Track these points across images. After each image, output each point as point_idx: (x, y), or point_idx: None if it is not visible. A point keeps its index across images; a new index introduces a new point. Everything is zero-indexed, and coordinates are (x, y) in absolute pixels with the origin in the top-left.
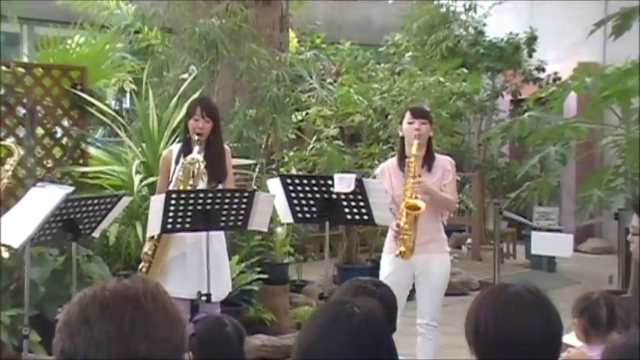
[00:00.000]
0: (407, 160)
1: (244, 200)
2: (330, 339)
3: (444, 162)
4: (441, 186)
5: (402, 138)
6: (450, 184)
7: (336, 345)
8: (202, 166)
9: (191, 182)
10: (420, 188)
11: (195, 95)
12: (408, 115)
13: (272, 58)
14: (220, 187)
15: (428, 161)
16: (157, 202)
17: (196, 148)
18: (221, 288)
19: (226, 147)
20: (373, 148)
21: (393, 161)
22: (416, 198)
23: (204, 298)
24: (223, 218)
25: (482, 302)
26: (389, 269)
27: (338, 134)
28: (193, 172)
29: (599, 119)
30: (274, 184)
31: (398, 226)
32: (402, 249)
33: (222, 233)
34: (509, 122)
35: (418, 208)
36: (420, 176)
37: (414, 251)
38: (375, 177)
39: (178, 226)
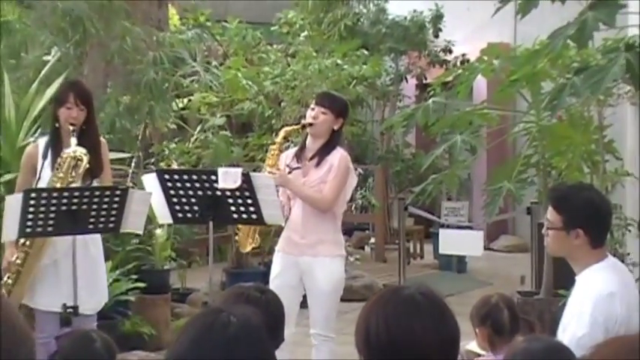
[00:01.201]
0: (270, 147)
1: (116, 199)
2: (203, 351)
3: (334, 158)
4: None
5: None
6: (330, 182)
7: (210, 357)
8: (86, 159)
9: (70, 180)
10: (277, 179)
11: (60, 79)
12: (312, 103)
13: (149, 37)
14: (96, 184)
15: (320, 154)
16: (13, 203)
17: (74, 140)
18: (97, 299)
19: (102, 139)
20: (265, 139)
21: (291, 152)
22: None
23: (70, 310)
24: (92, 220)
25: (372, 308)
26: (277, 269)
27: (225, 123)
28: (75, 168)
29: (512, 105)
30: (150, 181)
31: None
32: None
33: (99, 236)
34: (412, 109)
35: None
36: (298, 168)
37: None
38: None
39: (39, 229)
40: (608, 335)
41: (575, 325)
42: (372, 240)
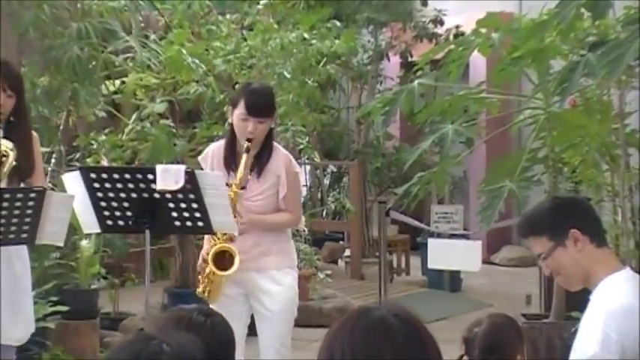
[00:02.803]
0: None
1: (30, 203)
2: None
3: (278, 163)
4: (277, 198)
5: (232, 126)
6: (287, 195)
7: None
8: (13, 156)
9: None
10: (244, 226)
11: None
12: (241, 106)
13: (71, 6)
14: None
15: (259, 164)
16: None
17: None
18: (22, 327)
19: (34, 133)
20: (216, 129)
21: (220, 144)
22: (230, 241)
23: None
24: (0, 229)
25: (336, 333)
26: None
27: (167, 111)
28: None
29: (515, 88)
30: (73, 181)
31: (204, 260)
32: (203, 289)
33: (25, 250)
34: (395, 92)
35: (229, 266)
36: (243, 188)
37: (218, 295)
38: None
39: None
40: (625, 355)
41: (585, 344)
42: (347, 252)
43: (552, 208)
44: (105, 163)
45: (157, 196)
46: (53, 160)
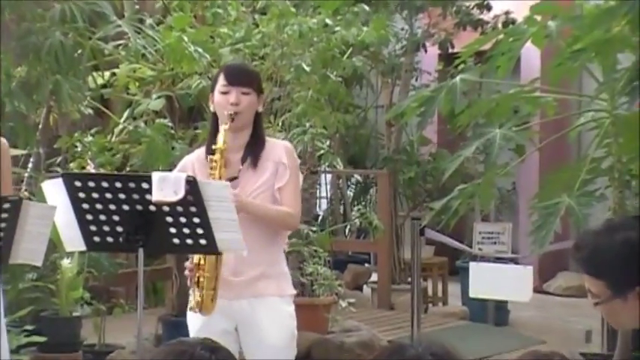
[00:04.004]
0: (209, 156)
1: (3, 216)
2: None
3: (277, 151)
4: (274, 191)
5: (215, 115)
6: (287, 186)
7: None
8: None
9: None
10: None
11: None
12: (221, 79)
13: None
14: None
15: (252, 152)
16: None
17: None
18: None
19: (2, 139)
20: None
21: (200, 153)
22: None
23: None
24: None
25: None
26: (197, 323)
27: (164, 108)
28: None
29: (575, 86)
30: (54, 189)
31: (192, 261)
32: (198, 298)
33: None
34: (433, 90)
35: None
36: (234, 179)
37: (215, 302)
38: None
39: None
40: None
41: None
42: (374, 277)
43: (622, 252)
44: (91, 168)
45: (152, 208)
46: (30, 165)
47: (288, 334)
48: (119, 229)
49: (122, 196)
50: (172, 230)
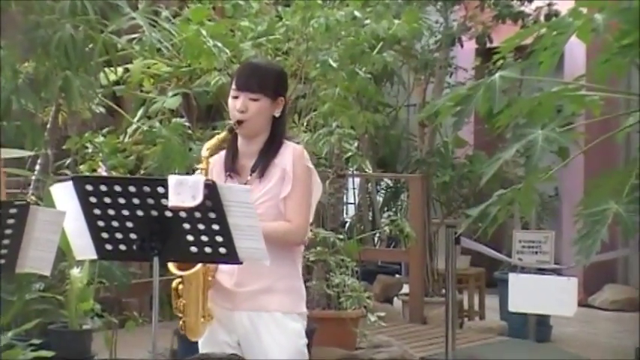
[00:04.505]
0: (197, 166)
1: (10, 222)
2: None
3: (284, 156)
4: (279, 201)
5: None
6: (291, 196)
7: None
8: None
9: None
10: None
11: None
12: (233, 82)
13: None
14: None
15: (263, 159)
16: None
17: None
18: None
19: None
20: None
21: (221, 157)
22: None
23: None
24: None
25: None
26: (203, 334)
27: (181, 106)
28: None
29: (624, 84)
30: (63, 193)
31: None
32: (181, 323)
33: None
34: (469, 87)
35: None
36: None
37: (199, 327)
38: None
39: None
40: None
41: None
42: (405, 289)
43: None
44: (103, 171)
45: (168, 214)
46: (38, 167)
47: (293, 352)
48: (133, 236)
49: (136, 201)
50: (190, 238)
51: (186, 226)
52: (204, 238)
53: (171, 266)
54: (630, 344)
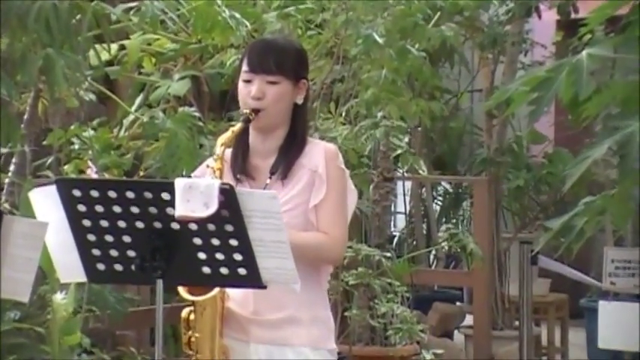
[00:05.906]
0: (210, 166)
1: None
2: None
3: (314, 156)
4: (307, 210)
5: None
6: (324, 204)
7: None
8: None
9: None
10: None
11: None
12: (244, 65)
13: None
14: None
15: (285, 159)
16: None
17: None
18: None
19: None
20: None
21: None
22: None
23: None
24: None
25: None
26: None
27: (190, 92)
28: None
29: None
30: (45, 200)
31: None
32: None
33: None
34: (549, 69)
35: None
36: None
37: None
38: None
39: None
40: None
41: None
42: (469, 320)
43: None
44: (93, 173)
45: (175, 227)
46: (12, 167)
47: None
48: (131, 253)
49: (135, 209)
50: (201, 256)
51: (197, 241)
52: (219, 256)
53: (181, 290)
54: None
